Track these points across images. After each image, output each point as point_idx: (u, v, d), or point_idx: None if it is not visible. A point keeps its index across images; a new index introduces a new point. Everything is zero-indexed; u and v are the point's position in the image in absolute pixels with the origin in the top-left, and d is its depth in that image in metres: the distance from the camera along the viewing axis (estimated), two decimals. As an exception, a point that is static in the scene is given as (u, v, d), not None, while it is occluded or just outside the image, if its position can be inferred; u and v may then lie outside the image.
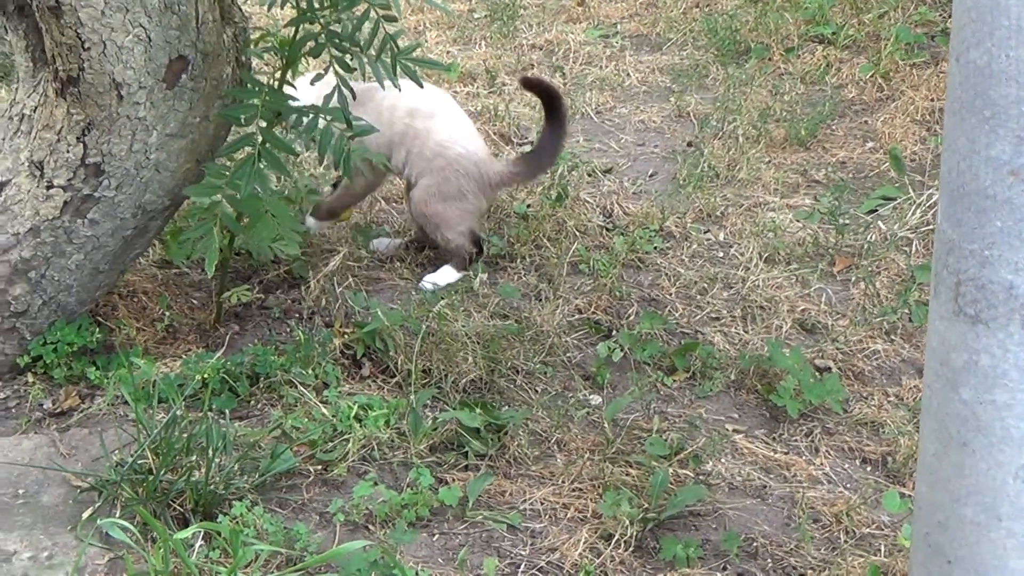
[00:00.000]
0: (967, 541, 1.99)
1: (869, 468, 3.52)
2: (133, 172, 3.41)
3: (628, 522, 3.14)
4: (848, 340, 4.03)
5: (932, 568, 2.07)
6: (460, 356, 3.72)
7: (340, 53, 3.48)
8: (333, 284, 4.10)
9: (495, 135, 5.35)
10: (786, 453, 3.55)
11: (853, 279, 4.40)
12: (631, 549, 3.12)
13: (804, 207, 4.88)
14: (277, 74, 3.58)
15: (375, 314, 3.79)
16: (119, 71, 3.25)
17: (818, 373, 3.82)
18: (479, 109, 5.60)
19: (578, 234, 4.57)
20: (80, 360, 3.59)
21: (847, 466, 3.52)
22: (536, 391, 3.73)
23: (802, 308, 4.21)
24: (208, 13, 3.37)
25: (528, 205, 4.72)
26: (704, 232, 4.69)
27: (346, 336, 3.80)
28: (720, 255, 4.55)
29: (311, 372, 3.61)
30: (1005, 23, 1.78)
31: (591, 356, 3.92)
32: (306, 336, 3.72)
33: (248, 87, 3.52)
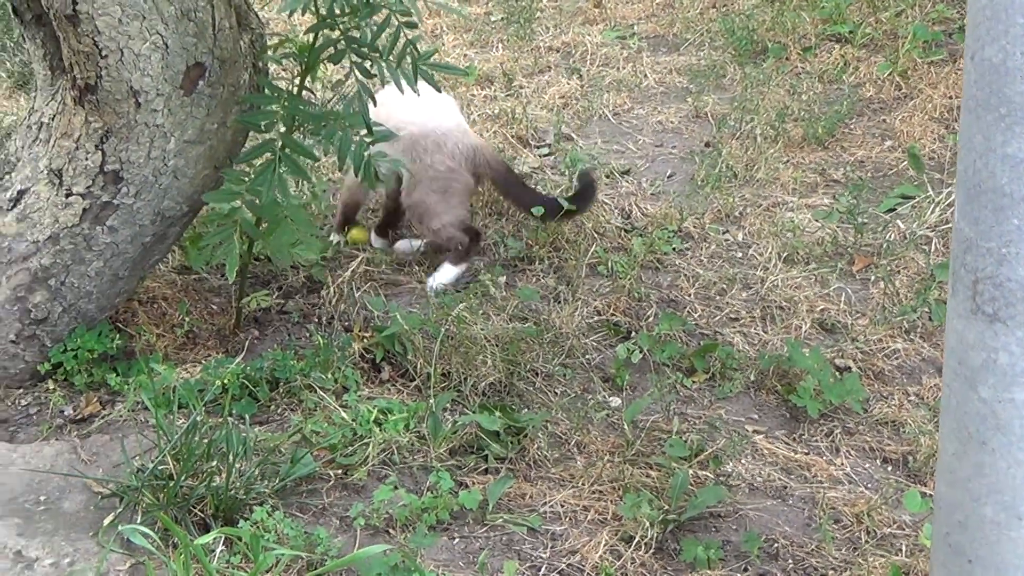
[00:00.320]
0: (987, 540, 1.99)
1: (890, 468, 3.52)
2: (151, 179, 3.42)
3: (648, 524, 3.14)
4: (868, 339, 4.02)
5: (953, 567, 2.07)
6: (479, 359, 3.72)
7: (360, 59, 3.49)
8: (352, 288, 4.11)
9: (512, 138, 5.35)
10: (806, 453, 3.54)
11: (872, 278, 4.39)
12: (651, 551, 3.11)
13: (823, 206, 4.87)
14: (296, 80, 3.59)
15: (394, 318, 3.80)
16: (136, 78, 3.26)
17: (838, 373, 3.81)
18: (496, 112, 5.60)
19: (596, 236, 4.56)
20: (100, 366, 3.60)
21: (868, 466, 3.51)
22: (555, 393, 3.73)
23: (821, 308, 4.20)
24: (225, 20, 3.38)
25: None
26: (723, 232, 4.69)
27: (365, 340, 3.81)
28: (739, 255, 4.55)
29: (331, 376, 3.61)
30: (1020, 20, 1.77)
31: (610, 358, 3.92)
32: (325, 341, 3.73)
33: (266, 93, 3.53)
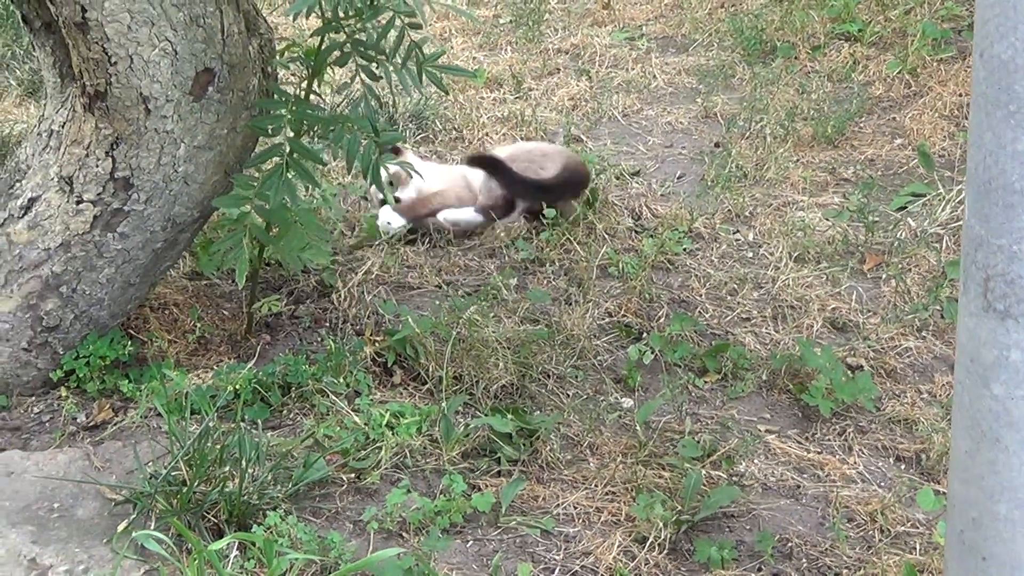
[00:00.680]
0: (1001, 538, 1.98)
1: (903, 466, 3.51)
2: (162, 185, 3.43)
3: (662, 524, 3.13)
4: (880, 338, 4.01)
5: (967, 565, 2.06)
6: (491, 362, 3.72)
7: (366, 62, 3.49)
8: (363, 292, 4.11)
9: (522, 140, 5.35)
10: (819, 452, 3.54)
11: (884, 276, 4.38)
12: (665, 552, 3.11)
13: (833, 205, 4.86)
14: (303, 84, 3.59)
15: (405, 321, 3.80)
16: (146, 85, 3.27)
17: (850, 372, 3.80)
18: (506, 115, 5.61)
19: (607, 237, 4.56)
20: (113, 373, 3.61)
21: (881, 464, 3.51)
22: (567, 395, 3.73)
23: (833, 307, 4.19)
24: (233, 25, 3.39)
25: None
26: (733, 232, 4.68)
27: (377, 344, 3.81)
28: (750, 255, 4.55)
29: (342, 381, 3.61)
30: (1029, 17, 1.77)
31: (622, 359, 3.91)
32: (337, 345, 3.73)
33: (275, 98, 3.54)
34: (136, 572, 2.93)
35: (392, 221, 4.57)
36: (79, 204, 3.43)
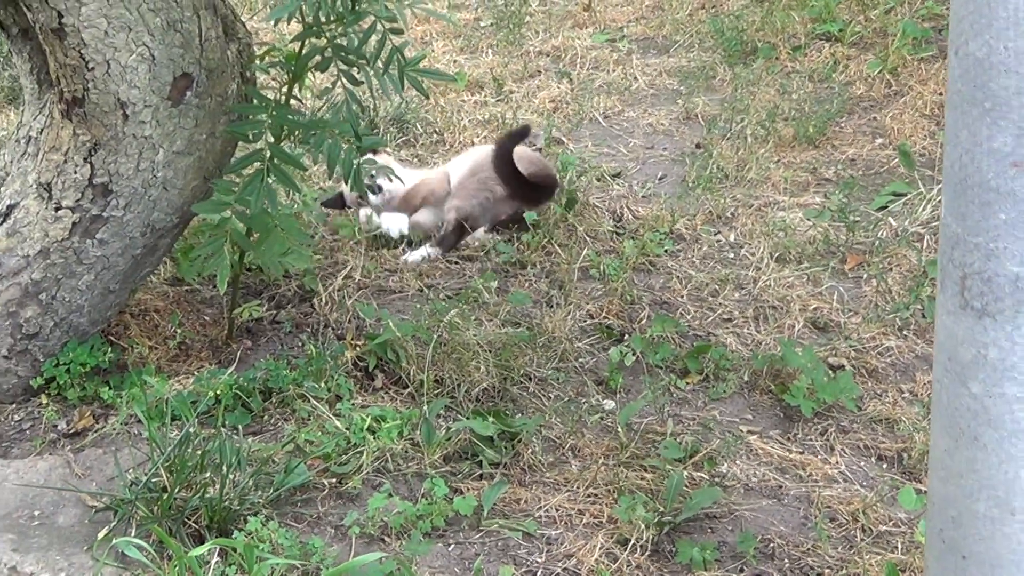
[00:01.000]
0: (981, 536, 1.98)
1: (885, 465, 3.51)
2: (141, 191, 3.42)
3: (644, 526, 3.13)
4: (861, 337, 4.02)
5: (947, 564, 2.06)
6: (472, 365, 3.72)
7: (347, 66, 3.48)
8: (344, 297, 4.10)
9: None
10: (801, 453, 3.54)
11: (865, 276, 4.39)
12: (647, 553, 3.11)
13: (814, 205, 4.87)
14: (284, 89, 3.59)
15: (386, 325, 3.79)
16: (124, 90, 3.26)
17: (831, 371, 3.81)
18: (487, 117, 5.61)
19: (588, 239, 4.56)
20: (93, 380, 3.60)
21: (863, 464, 3.51)
22: (549, 398, 3.73)
23: (814, 307, 4.20)
24: (211, 30, 3.38)
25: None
26: (714, 234, 4.69)
27: (358, 348, 3.80)
28: (731, 256, 4.55)
29: (324, 385, 3.61)
30: (1003, 14, 1.77)
31: (603, 361, 3.91)
32: (318, 350, 3.72)
33: (254, 103, 3.53)
34: (117, 579, 2.93)
35: (393, 226, 4.57)
36: (58, 211, 3.42)
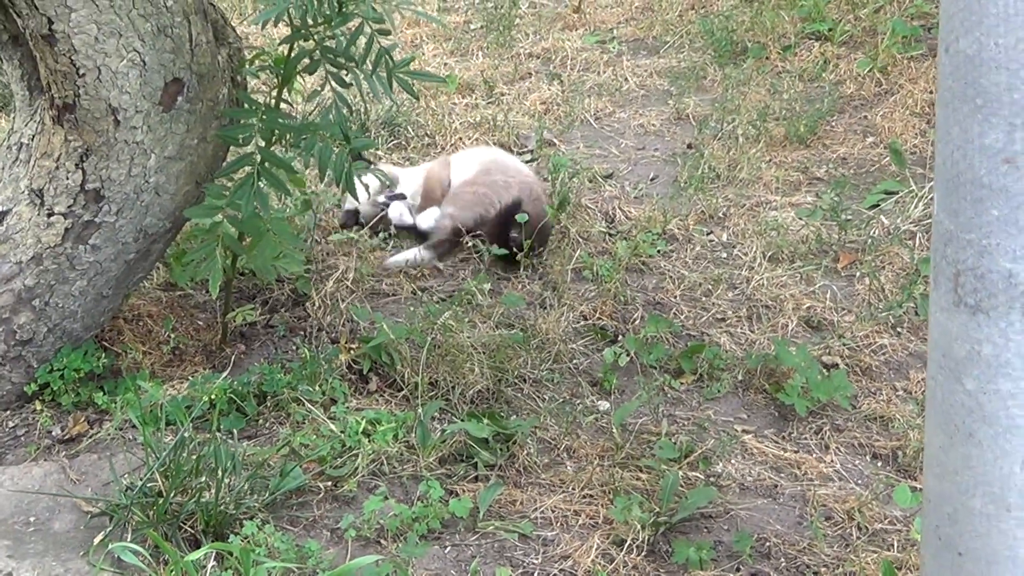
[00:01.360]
0: (977, 532, 1.99)
1: (880, 463, 3.52)
2: (133, 196, 3.42)
3: (640, 527, 3.14)
4: (854, 336, 4.02)
5: (943, 561, 2.07)
6: (466, 367, 3.72)
7: (336, 69, 3.48)
8: (337, 300, 4.10)
9: (495, 145, 5.35)
10: (796, 451, 3.55)
11: (857, 275, 4.39)
12: (643, 553, 3.11)
13: (806, 204, 4.87)
14: (274, 92, 3.58)
15: (380, 328, 3.79)
16: (115, 96, 3.26)
17: (825, 370, 3.81)
18: (478, 120, 5.60)
19: (581, 240, 4.57)
20: (87, 386, 3.59)
21: (857, 462, 3.52)
22: (544, 399, 3.73)
23: (807, 306, 4.20)
24: (202, 35, 3.38)
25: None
26: (707, 234, 4.69)
27: (352, 351, 3.80)
28: (724, 256, 4.55)
29: (318, 389, 3.61)
30: (993, 11, 1.77)
31: (597, 362, 3.91)
32: (312, 353, 3.72)
33: (245, 107, 3.53)
34: (113, 585, 2.93)
35: (404, 214, 4.62)
36: (50, 217, 3.41)
